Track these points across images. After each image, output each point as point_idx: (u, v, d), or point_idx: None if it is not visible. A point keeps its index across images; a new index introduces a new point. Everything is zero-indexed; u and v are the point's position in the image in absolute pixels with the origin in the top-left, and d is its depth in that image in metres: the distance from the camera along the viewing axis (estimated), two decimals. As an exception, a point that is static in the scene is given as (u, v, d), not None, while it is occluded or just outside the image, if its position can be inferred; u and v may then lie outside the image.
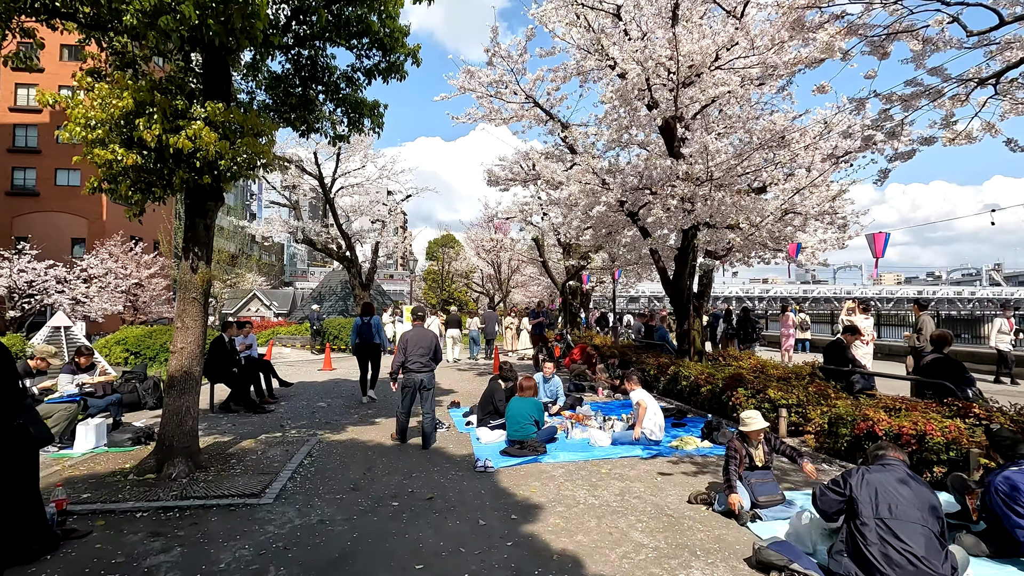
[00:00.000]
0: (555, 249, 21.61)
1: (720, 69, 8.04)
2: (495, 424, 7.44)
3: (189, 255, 5.71)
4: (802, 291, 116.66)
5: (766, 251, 11.26)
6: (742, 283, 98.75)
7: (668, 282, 10.85)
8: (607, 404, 9.76)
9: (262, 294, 42.86)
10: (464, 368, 15.39)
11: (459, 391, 11.28)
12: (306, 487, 5.27)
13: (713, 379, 8.51)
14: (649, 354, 11.69)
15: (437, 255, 39.74)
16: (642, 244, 10.82)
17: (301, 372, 14.25)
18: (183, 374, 5.63)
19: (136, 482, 5.24)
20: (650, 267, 17.66)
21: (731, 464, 4.60)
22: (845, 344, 7.74)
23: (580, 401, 9.24)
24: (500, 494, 5.14)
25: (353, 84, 6.78)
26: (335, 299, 26.31)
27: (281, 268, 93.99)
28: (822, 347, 20.03)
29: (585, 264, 17.83)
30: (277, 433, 7.47)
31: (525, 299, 42.12)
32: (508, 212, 18.97)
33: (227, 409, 8.97)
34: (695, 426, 7.80)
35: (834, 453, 5.99)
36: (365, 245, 24.30)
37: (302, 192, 22.05)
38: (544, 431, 6.92)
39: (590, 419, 7.99)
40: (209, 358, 8.92)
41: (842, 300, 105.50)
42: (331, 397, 10.45)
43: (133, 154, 4.98)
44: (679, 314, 10.86)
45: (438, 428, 7.67)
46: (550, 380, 8.92)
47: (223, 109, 5.16)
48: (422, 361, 6.85)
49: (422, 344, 6.93)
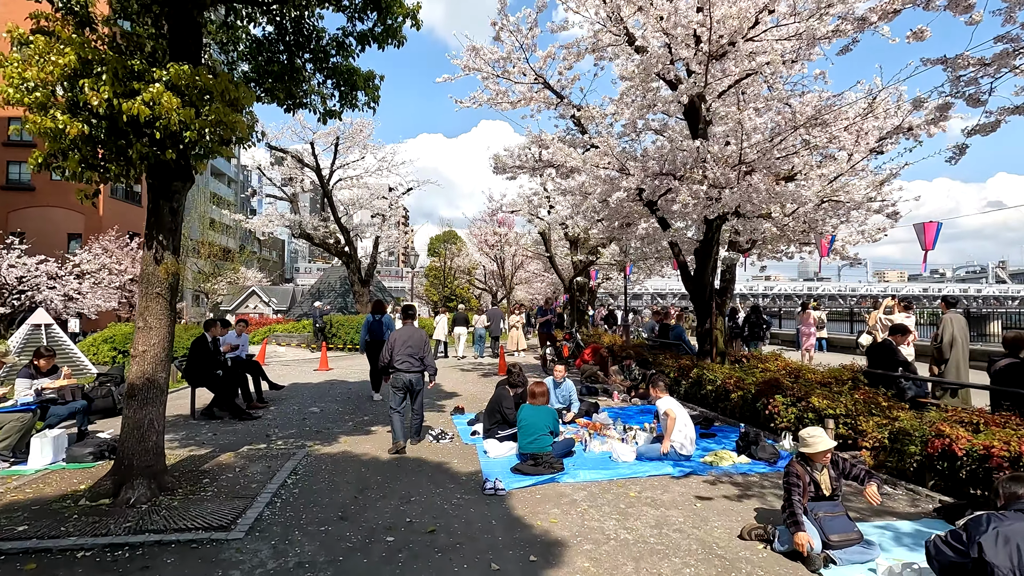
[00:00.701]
0: (561, 244, 20.82)
1: (753, 40, 7.22)
2: (504, 435, 6.66)
3: (152, 244, 4.92)
4: (807, 288, 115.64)
5: (791, 244, 10.46)
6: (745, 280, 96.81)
7: (688, 277, 10.04)
8: (624, 410, 8.98)
9: (261, 290, 42.13)
10: (468, 368, 14.61)
11: (463, 394, 10.51)
12: (286, 515, 4.49)
13: (743, 384, 7.71)
14: (666, 355, 10.89)
15: (439, 251, 38.92)
16: (660, 237, 10.02)
17: (296, 372, 13.49)
18: (145, 382, 4.85)
19: (87, 509, 4.47)
20: (662, 263, 16.88)
21: (794, 494, 3.81)
22: (895, 346, 6.93)
23: (596, 407, 8.45)
24: (514, 524, 4.36)
25: (344, 51, 5.98)
26: (334, 295, 25.54)
27: (282, 265, 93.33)
28: (841, 346, 19.32)
29: (594, 259, 17.03)
30: (261, 445, 6.69)
31: (527, 296, 41.32)
32: (513, 205, 18.19)
33: (210, 415, 8.21)
34: (727, 437, 7.01)
35: (898, 473, 5.20)
36: (365, 240, 23.56)
37: (301, 186, 21.32)
38: (560, 444, 6.14)
39: (609, 428, 7.21)
40: (190, 360, 8.16)
41: (847, 298, 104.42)
42: (325, 401, 9.67)
43: (79, 122, 4.19)
44: (700, 312, 10.06)
45: (441, 440, 6.91)
46: (562, 384, 8.13)
47: (188, 71, 4.37)
48: (411, 361, 6.57)
49: (411, 343, 6.63)
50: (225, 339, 9.25)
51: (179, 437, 7.02)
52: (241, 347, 9.68)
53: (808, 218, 7.83)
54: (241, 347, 9.68)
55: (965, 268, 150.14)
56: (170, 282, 4.97)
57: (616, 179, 8.39)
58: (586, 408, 8.27)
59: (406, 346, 6.61)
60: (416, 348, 6.64)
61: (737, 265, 10.63)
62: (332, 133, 18.56)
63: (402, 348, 6.60)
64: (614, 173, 9.01)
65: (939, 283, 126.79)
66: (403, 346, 6.60)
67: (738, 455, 6.09)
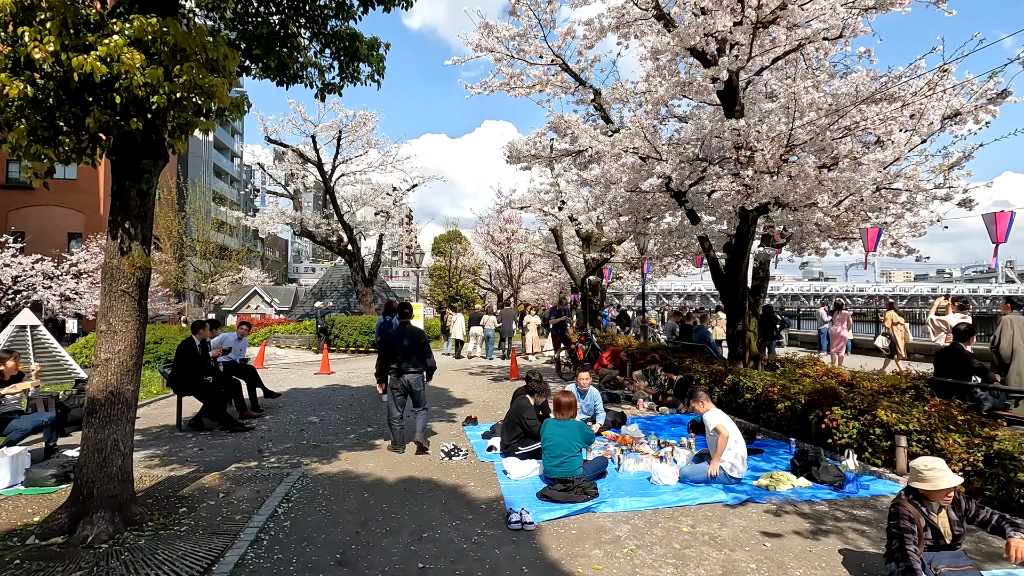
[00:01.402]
0: (573, 241, 20.04)
1: (803, 7, 6.43)
2: (526, 451, 5.88)
3: (117, 233, 4.16)
4: (815, 288, 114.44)
5: (826, 239, 9.66)
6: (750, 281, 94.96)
7: (719, 275, 9.25)
8: (652, 420, 8.19)
9: (263, 290, 41.47)
10: (476, 372, 13.84)
11: (474, 401, 9.73)
12: (273, 558, 3.72)
13: (789, 392, 6.90)
14: (693, 359, 10.09)
15: (444, 249, 38.21)
16: (689, 231, 9.22)
17: (295, 377, 12.75)
18: (109, 395, 4.09)
19: (33, 551, 3.72)
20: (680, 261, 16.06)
21: (908, 542, 3.03)
22: (967, 351, 6.12)
23: (623, 418, 7.66)
24: (550, 572, 3.58)
25: (344, 13, 5.20)
26: (336, 295, 24.80)
27: (285, 264, 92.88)
28: (865, 348, 18.45)
29: (608, 257, 16.23)
30: (252, 462, 5.94)
31: (533, 296, 40.54)
32: (523, 201, 17.42)
33: (198, 427, 7.46)
34: (775, 454, 6.22)
35: (1001, 504, 4.40)
36: (369, 239, 22.85)
37: (302, 183, 20.61)
38: (591, 465, 5.37)
39: (642, 443, 6.42)
40: (176, 365, 7.42)
41: (855, 298, 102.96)
42: (326, 409, 8.92)
43: (20, 82, 3.44)
44: (731, 312, 9.26)
45: (454, 456, 6.14)
46: (586, 393, 7.34)
47: (155, 23, 3.61)
48: (410, 362, 6.31)
49: (410, 343, 6.35)
50: (216, 342, 8.51)
51: (160, 453, 6.28)
52: (237, 351, 8.94)
53: (860, 208, 7.03)
54: (237, 351, 8.94)
55: (974, 268, 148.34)
56: (138, 278, 4.21)
57: (645, 165, 7.60)
58: (612, 419, 7.48)
59: (405, 346, 6.31)
60: (416, 348, 6.36)
61: (771, 262, 9.82)
62: (334, 126, 17.83)
63: (401, 349, 6.30)
64: (638, 160, 8.21)
65: (948, 283, 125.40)
66: (402, 347, 6.31)
67: (796, 477, 5.30)
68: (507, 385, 11.55)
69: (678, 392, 8.83)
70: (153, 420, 8.05)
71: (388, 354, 6.36)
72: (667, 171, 7.18)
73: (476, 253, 40.63)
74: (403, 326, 6.57)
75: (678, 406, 8.62)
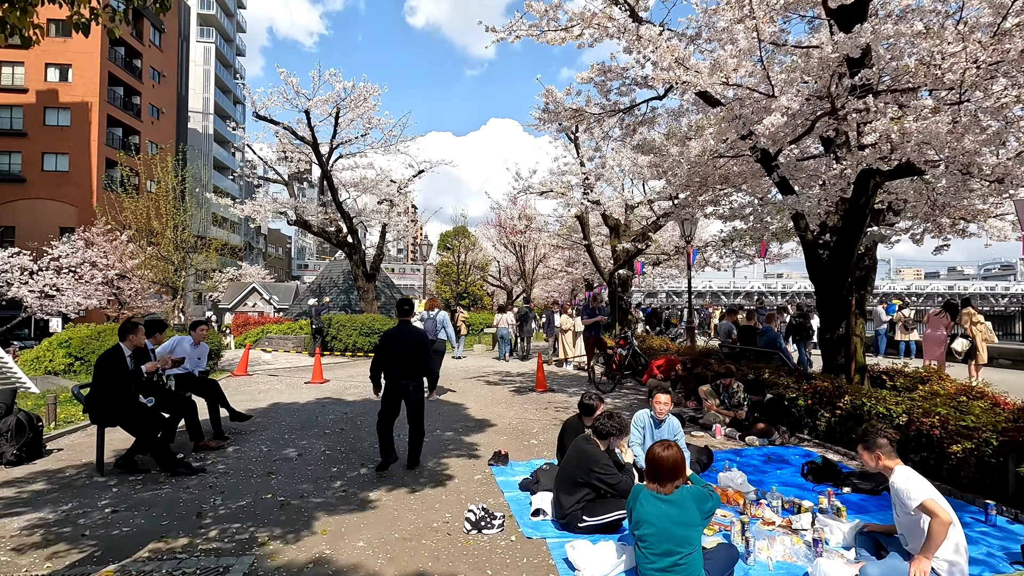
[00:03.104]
0: (597, 231, 17.99)
1: None
2: (598, 522, 3.88)
3: None
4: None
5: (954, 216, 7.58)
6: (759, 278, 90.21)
7: (817, 263, 7.18)
8: (740, 454, 6.12)
9: (262, 287, 39.59)
10: (494, 380, 11.81)
11: (497, 423, 7.70)
12: None
13: (958, 425, 4.81)
14: (771, 369, 8.03)
15: (453, 244, 36.19)
16: (786, 206, 7.11)
17: (281, 388, 10.75)
18: None
19: None
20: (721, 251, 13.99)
21: None
22: None
23: (709, 455, 5.59)
24: None
25: None
26: (336, 292, 22.82)
27: (288, 262, 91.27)
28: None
29: (643, 247, 14.16)
30: (181, 539, 3.93)
31: (543, 294, 38.47)
32: (544, 184, 15.37)
33: (129, 467, 5.46)
34: (976, 527, 4.14)
35: None
36: (371, 231, 20.91)
37: (296, 167, 18.62)
38: (717, 559, 3.32)
39: (759, 505, 4.34)
40: (96, 385, 5.41)
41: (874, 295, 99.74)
42: (309, 436, 6.91)
43: None
44: (831, 310, 7.20)
45: (485, 528, 4.10)
46: (663, 422, 5.28)
47: None
48: (406, 366, 5.59)
49: (407, 344, 5.62)
50: (164, 349, 6.52)
51: (52, 519, 4.27)
52: (194, 360, 6.94)
53: None
54: (194, 360, 6.94)
55: (992, 265, 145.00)
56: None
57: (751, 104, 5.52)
58: (695, 456, 5.43)
59: (401, 348, 5.60)
60: (413, 350, 5.61)
61: (877, 247, 7.75)
62: (331, 101, 15.79)
63: (398, 351, 5.59)
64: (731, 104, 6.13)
65: (964, 280, 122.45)
66: (398, 348, 5.60)
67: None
68: (533, 399, 9.52)
69: (768, 416, 6.76)
70: (77, 455, 6.06)
71: (382, 356, 5.61)
72: (793, 105, 5.06)
73: (484, 248, 38.64)
74: (402, 325, 5.75)
75: (771, 435, 6.55)
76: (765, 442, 6.51)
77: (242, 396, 9.70)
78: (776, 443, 6.48)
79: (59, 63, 39.51)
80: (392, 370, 5.55)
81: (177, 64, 51.32)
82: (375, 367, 5.70)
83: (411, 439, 5.62)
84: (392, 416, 5.59)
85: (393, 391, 5.55)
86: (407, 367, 5.54)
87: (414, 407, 5.59)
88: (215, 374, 12.10)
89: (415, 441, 5.62)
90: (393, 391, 5.55)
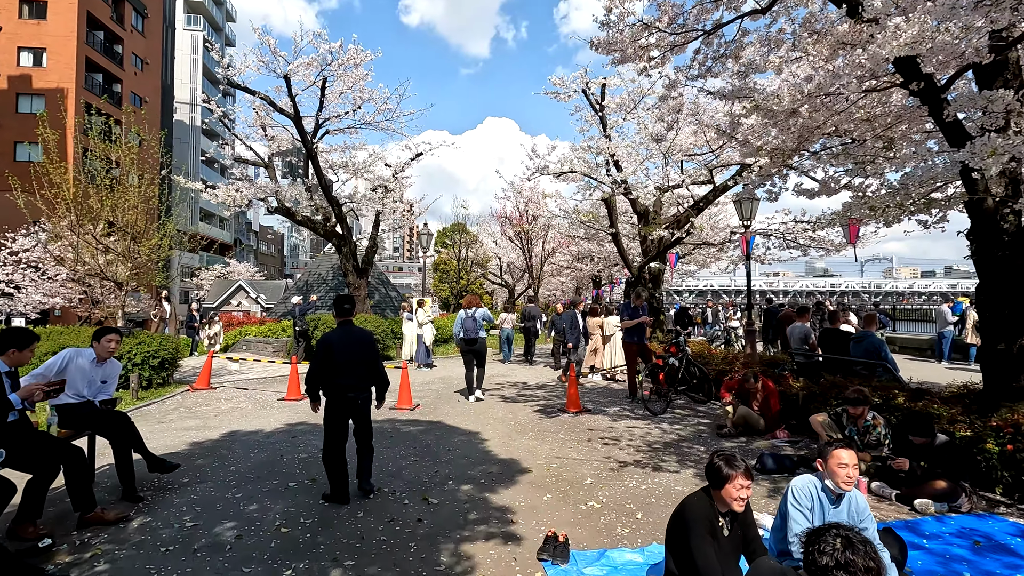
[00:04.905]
0: (623, 220, 15.83)
1: None
2: None
3: None
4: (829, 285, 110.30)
5: None
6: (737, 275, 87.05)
7: (998, 240, 5.04)
8: (920, 529, 3.95)
9: (249, 285, 37.22)
10: (511, 395, 9.63)
11: (532, 468, 5.50)
12: None
13: None
14: (905, 395, 5.89)
15: (451, 240, 33.95)
16: (924, 171, 5.00)
17: (246, 408, 8.54)
18: None
19: None
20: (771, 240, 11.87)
21: None
22: None
23: (902, 549, 3.43)
24: None
25: None
26: (325, 289, 20.58)
27: (281, 259, 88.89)
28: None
29: (683, 235, 11.99)
30: None
31: (546, 292, 36.32)
32: (564, 162, 13.20)
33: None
34: None
35: None
36: (364, 222, 18.73)
37: (278, 147, 16.40)
38: None
39: None
40: None
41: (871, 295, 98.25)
42: (265, 494, 4.71)
43: None
44: (1002, 306, 5.08)
45: None
46: (841, 499, 3.12)
47: None
48: (356, 375, 4.67)
49: (356, 349, 4.70)
50: (42, 371, 4.34)
51: None
52: (92, 384, 4.73)
53: None
54: (92, 384, 4.73)
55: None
56: None
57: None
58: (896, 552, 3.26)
59: (349, 353, 4.65)
60: (364, 355, 4.73)
61: None
62: (315, 66, 13.53)
63: (343, 357, 4.61)
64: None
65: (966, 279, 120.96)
66: (345, 353, 4.63)
67: None
68: (567, 425, 7.35)
69: (945, 466, 4.58)
70: None
71: (325, 365, 4.62)
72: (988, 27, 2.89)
73: (484, 244, 36.41)
74: (345, 327, 4.85)
75: (956, 498, 4.37)
76: (945, 507, 4.35)
77: (191, 421, 7.51)
78: (963, 510, 4.32)
79: (33, 47, 37.04)
80: (338, 381, 4.62)
81: (162, 52, 48.88)
82: (314, 379, 4.68)
83: (361, 458, 4.79)
84: (343, 440, 4.62)
85: (340, 408, 4.63)
86: (357, 377, 4.68)
87: (364, 424, 4.77)
88: (168, 388, 9.88)
89: (366, 459, 4.80)
90: (340, 408, 4.63)
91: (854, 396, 5.20)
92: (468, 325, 8.93)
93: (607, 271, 26.76)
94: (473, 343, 8.96)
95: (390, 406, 8.50)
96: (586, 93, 12.57)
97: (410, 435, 6.85)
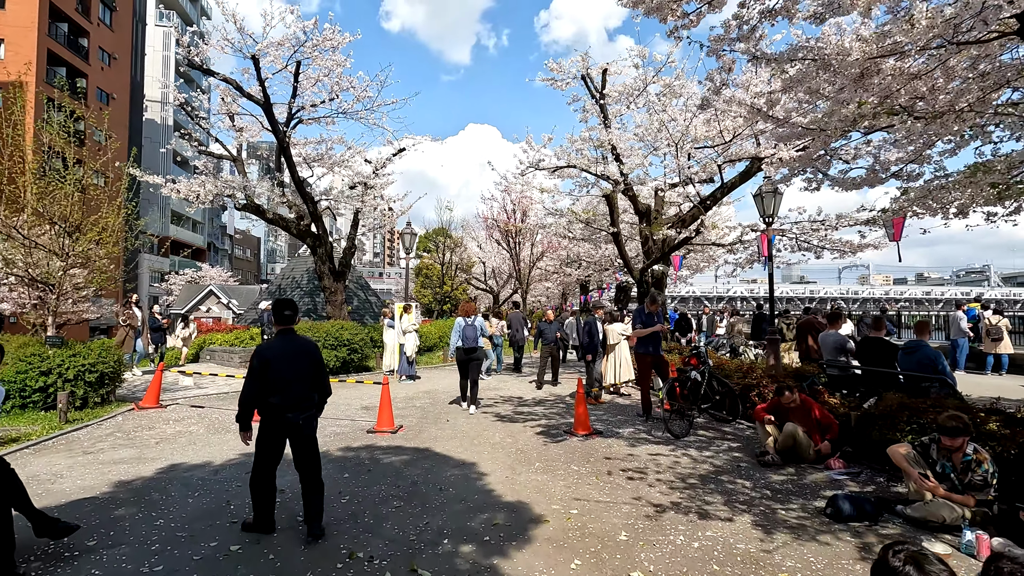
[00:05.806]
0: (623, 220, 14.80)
1: None
2: None
3: None
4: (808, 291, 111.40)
5: None
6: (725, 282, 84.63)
7: None
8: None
9: (220, 290, 35.41)
10: (507, 413, 8.46)
11: (549, 518, 4.34)
12: None
13: None
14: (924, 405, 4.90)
15: (434, 244, 32.69)
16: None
17: (196, 431, 7.22)
18: None
19: None
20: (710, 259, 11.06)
21: None
22: None
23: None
24: None
25: None
26: (299, 294, 19.18)
27: (258, 264, 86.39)
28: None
29: (691, 235, 10.98)
30: None
31: (531, 298, 35.23)
32: (560, 155, 12.14)
33: None
34: None
35: None
36: (341, 223, 17.42)
37: (247, 138, 15.06)
38: None
39: None
40: None
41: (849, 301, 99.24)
42: (198, 568, 3.47)
43: None
44: None
45: None
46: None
47: None
48: (297, 392, 3.87)
49: (298, 362, 3.91)
50: None
51: None
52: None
53: None
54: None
55: (965, 269, 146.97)
56: None
57: None
58: None
59: (289, 366, 3.85)
60: (307, 367, 3.94)
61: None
62: (286, 47, 12.28)
63: (283, 371, 3.81)
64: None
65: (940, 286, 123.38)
66: (284, 367, 3.83)
67: None
68: (579, 453, 6.21)
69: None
70: None
71: (260, 382, 3.75)
72: None
73: (468, 248, 35.23)
74: (285, 336, 3.95)
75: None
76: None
77: (126, 451, 6.19)
78: None
79: (1, 39, 35.04)
80: (273, 399, 3.82)
81: (132, 47, 46.82)
82: (248, 401, 3.83)
83: (307, 494, 3.90)
84: (275, 463, 3.93)
85: (276, 429, 3.87)
86: (298, 394, 3.88)
87: (308, 451, 3.94)
88: (108, 407, 8.49)
89: (314, 496, 3.89)
90: (276, 429, 3.87)
91: (952, 425, 4.16)
92: (468, 334, 8.49)
93: (596, 276, 25.78)
94: (473, 352, 8.55)
95: (368, 429, 7.28)
96: (586, 80, 11.55)
97: (392, 468, 5.65)
